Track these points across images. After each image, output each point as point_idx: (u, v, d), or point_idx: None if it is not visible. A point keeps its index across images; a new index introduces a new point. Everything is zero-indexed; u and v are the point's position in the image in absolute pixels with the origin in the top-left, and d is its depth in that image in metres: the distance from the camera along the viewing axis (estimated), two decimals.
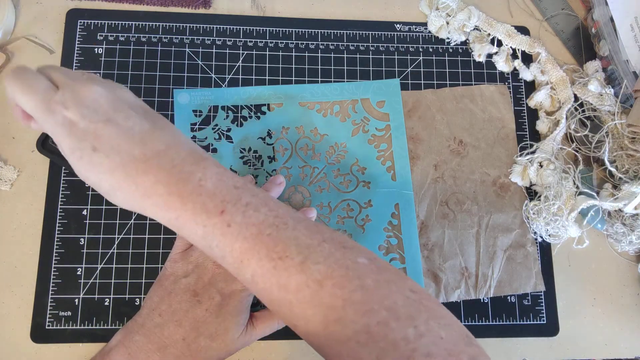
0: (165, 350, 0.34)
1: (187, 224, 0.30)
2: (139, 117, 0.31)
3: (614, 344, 0.45)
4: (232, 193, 0.30)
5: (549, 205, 0.43)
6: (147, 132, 0.31)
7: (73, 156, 0.30)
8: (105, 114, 0.30)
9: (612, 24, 0.47)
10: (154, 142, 0.30)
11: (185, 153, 0.31)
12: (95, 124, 0.30)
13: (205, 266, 0.37)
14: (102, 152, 0.29)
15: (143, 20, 0.46)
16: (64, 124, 0.30)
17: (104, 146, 0.29)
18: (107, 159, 0.29)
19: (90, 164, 0.30)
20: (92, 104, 0.30)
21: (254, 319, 0.38)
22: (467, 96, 0.48)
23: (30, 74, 0.31)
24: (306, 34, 0.48)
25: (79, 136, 0.29)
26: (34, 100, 0.30)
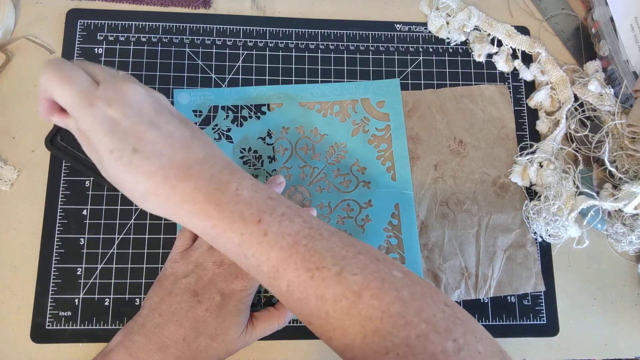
0: (165, 350, 0.34)
1: (224, 232, 0.30)
2: (179, 124, 0.31)
3: (614, 344, 0.45)
4: (267, 203, 0.31)
5: (549, 205, 0.43)
6: (188, 140, 0.31)
7: (111, 156, 0.29)
8: (148, 116, 0.30)
9: (612, 24, 0.47)
10: (194, 150, 0.31)
11: (222, 164, 0.31)
12: (138, 125, 0.29)
13: (205, 266, 0.37)
14: (143, 154, 0.29)
15: (143, 20, 0.46)
16: (105, 121, 0.29)
17: (145, 148, 0.29)
18: (147, 161, 0.29)
19: (129, 165, 0.29)
20: (136, 105, 0.30)
21: (254, 319, 0.38)
22: (467, 96, 0.48)
23: (69, 65, 0.30)
24: (306, 34, 0.48)
25: (120, 136, 0.29)
26: (73, 92, 0.29)
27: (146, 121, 0.30)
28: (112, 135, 0.29)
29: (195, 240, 0.39)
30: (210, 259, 0.37)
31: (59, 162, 0.43)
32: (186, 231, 0.39)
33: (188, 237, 0.39)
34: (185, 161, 0.30)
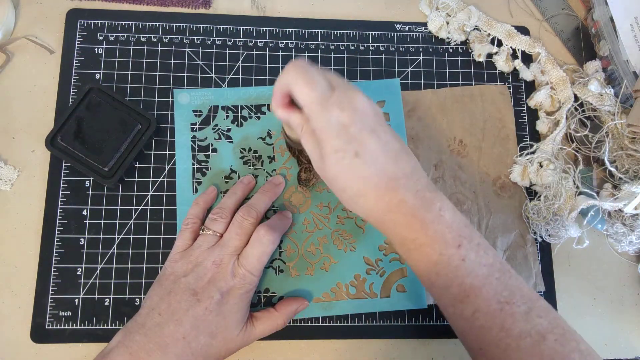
0: (165, 349, 0.34)
1: (423, 248, 0.32)
2: (392, 135, 0.33)
3: (614, 344, 0.45)
4: (465, 230, 0.33)
5: (549, 205, 0.43)
6: (399, 152, 0.33)
7: (334, 155, 0.32)
8: (371, 124, 0.32)
9: (612, 24, 0.47)
10: (403, 162, 0.33)
11: (425, 180, 0.33)
12: (363, 131, 0.32)
13: (205, 266, 0.37)
14: (362, 159, 0.31)
15: (143, 20, 0.46)
16: (336, 124, 0.32)
17: (365, 154, 0.32)
18: (365, 166, 0.32)
19: (349, 166, 0.32)
20: (362, 112, 0.32)
21: (254, 319, 0.38)
22: (467, 96, 0.48)
23: (314, 70, 0.33)
24: (306, 34, 0.48)
25: (346, 139, 0.32)
26: (314, 94, 0.32)
27: (369, 129, 0.32)
28: (339, 138, 0.32)
29: (195, 240, 0.39)
30: (209, 259, 0.37)
31: (59, 162, 0.43)
32: (186, 231, 0.39)
33: (188, 236, 0.39)
34: (395, 172, 0.32)
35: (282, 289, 0.42)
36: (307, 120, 0.33)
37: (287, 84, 0.33)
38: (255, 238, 0.38)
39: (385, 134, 0.33)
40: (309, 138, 0.34)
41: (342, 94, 0.32)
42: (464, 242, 0.32)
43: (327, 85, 0.32)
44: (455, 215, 0.33)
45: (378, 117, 0.33)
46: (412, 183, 0.32)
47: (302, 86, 0.32)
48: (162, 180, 0.44)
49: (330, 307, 0.42)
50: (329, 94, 0.32)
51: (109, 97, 0.43)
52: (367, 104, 0.33)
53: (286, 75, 0.33)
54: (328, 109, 0.32)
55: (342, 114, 0.32)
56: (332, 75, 0.34)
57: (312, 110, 0.32)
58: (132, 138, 0.42)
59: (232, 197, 0.41)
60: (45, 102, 0.44)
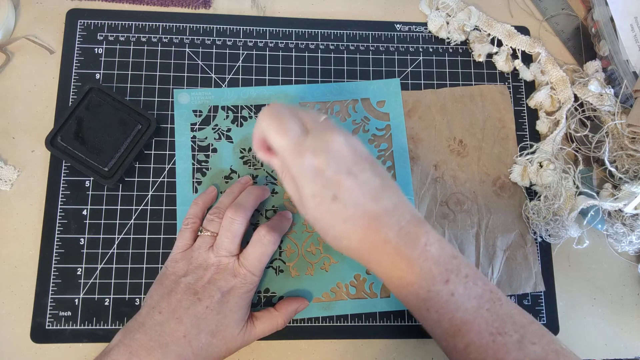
0: (166, 347, 0.34)
1: (411, 286, 0.32)
2: (371, 172, 0.33)
3: (614, 344, 0.45)
4: (452, 262, 0.32)
5: (549, 205, 0.43)
6: (378, 189, 0.32)
7: (313, 201, 0.32)
8: (347, 165, 0.32)
9: (612, 24, 0.47)
10: (384, 199, 0.32)
11: (409, 214, 0.33)
12: (339, 174, 0.32)
13: (205, 266, 0.37)
14: (341, 202, 0.31)
15: (143, 20, 0.46)
16: (311, 169, 0.31)
17: (343, 196, 0.31)
18: (344, 208, 0.31)
19: (327, 211, 0.32)
20: (337, 154, 0.32)
21: (254, 319, 0.38)
22: (467, 96, 0.48)
23: (287, 116, 0.33)
24: (306, 34, 0.48)
25: (323, 183, 0.32)
26: (286, 142, 0.32)
27: (345, 170, 0.32)
28: (316, 183, 0.32)
29: (195, 239, 0.39)
30: (209, 260, 0.37)
31: (59, 162, 0.43)
32: (186, 231, 0.39)
33: (189, 237, 0.39)
34: (375, 211, 0.32)
35: (282, 289, 0.42)
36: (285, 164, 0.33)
37: (262, 130, 0.33)
38: (256, 238, 0.38)
39: (364, 171, 0.32)
40: (289, 182, 0.34)
41: (316, 138, 0.32)
42: (452, 277, 0.32)
43: (299, 130, 0.32)
44: (442, 247, 0.33)
45: (356, 155, 0.33)
46: (394, 220, 0.32)
47: (274, 134, 0.32)
48: (162, 180, 0.44)
49: (330, 307, 0.42)
50: (302, 139, 0.32)
51: (109, 97, 0.43)
52: (343, 143, 0.32)
53: (260, 122, 0.33)
54: (301, 155, 0.32)
55: (316, 159, 0.31)
56: (308, 117, 0.34)
57: (286, 157, 0.32)
58: (132, 138, 0.42)
59: (229, 197, 0.41)
60: (45, 102, 0.44)
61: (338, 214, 0.32)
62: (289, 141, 0.32)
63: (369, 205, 0.32)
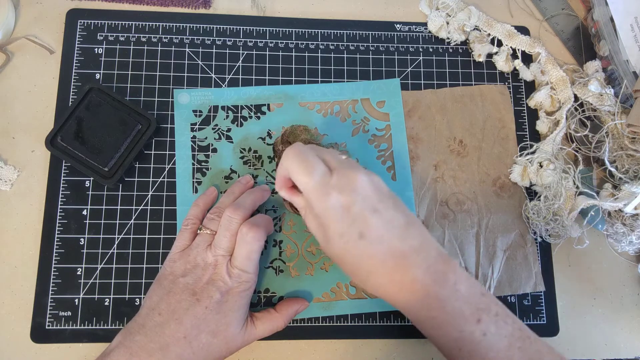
0: (167, 348, 0.34)
1: (443, 326, 0.32)
2: (395, 209, 0.33)
3: (614, 344, 0.45)
4: (482, 301, 0.32)
5: (549, 205, 0.43)
6: (404, 227, 0.33)
7: (340, 240, 0.32)
8: (373, 203, 0.32)
9: (612, 24, 0.47)
10: (410, 238, 0.32)
11: (436, 252, 0.33)
12: (365, 212, 0.32)
13: (204, 266, 0.37)
14: (367, 240, 0.31)
15: (143, 20, 0.46)
16: (337, 207, 0.32)
17: (369, 234, 0.31)
18: (371, 246, 0.31)
19: (354, 249, 0.32)
20: (362, 192, 0.32)
21: (254, 318, 0.38)
22: (467, 96, 0.48)
23: (311, 156, 0.33)
24: (306, 34, 0.48)
25: (349, 222, 0.32)
26: (312, 181, 0.33)
27: (371, 208, 0.32)
28: (342, 221, 0.32)
29: (194, 240, 0.39)
30: (206, 260, 0.37)
31: (59, 162, 0.43)
32: (185, 231, 0.39)
33: (188, 237, 0.39)
34: (402, 250, 0.32)
35: (282, 289, 0.42)
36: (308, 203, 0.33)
37: (287, 169, 0.34)
38: (239, 238, 0.37)
39: (388, 209, 0.32)
40: (312, 220, 0.34)
41: (341, 176, 0.32)
42: (483, 316, 0.32)
43: (324, 169, 0.33)
44: (470, 286, 0.33)
45: (380, 193, 0.33)
46: (422, 258, 0.32)
47: (299, 174, 0.33)
48: (162, 180, 0.44)
49: (330, 307, 0.42)
50: (327, 178, 0.32)
51: (109, 97, 0.43)
52: (367, 182, 0.33)
53: (285, 162, 0.34)
54: (327, 194, 0.32)
55: (342, 197, 0.32)
56: (330, 155, 0.34)
57: (311, 196, 0.33)
58: (132, 138, 0.42)
59: (230, 197, 0.41)
60: (45, 102, 0.44)
61: (365, 252, 0.32)
62: (314, 181, 0.32)
63: (395, 243, 0.32)
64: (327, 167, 0.34)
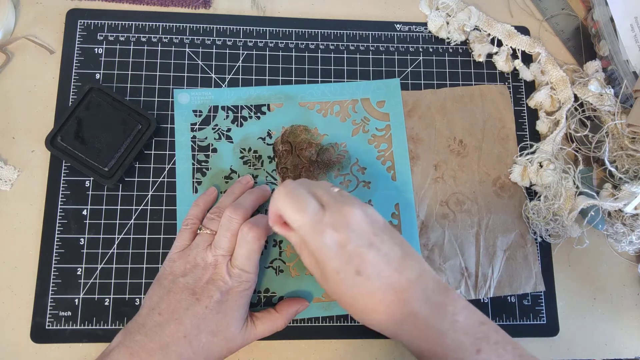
0: (167, 348, 0.34)
1: (444, 358, 0.31)
2: (391, 242, 0.33)
3: (614, 344, 0.45)
4: (481, 330, 0.32)
5: (549, 205, 0.43)
6: (401, 259, 0.32)
7: (336, 277, 0.32)
8: (367, 238, 0.32)
9: (612, 24, 0.47)
10: (407, 270, 0.32)
11: (433, 283, 0.33)
12: (360, 248, 0.31)
13: (204, 266, 0.37)
14: (364, 276, 0.31)
15: (143, 20, 0.46)
16: (332, 245, 0.31)
17: (366, 270, 0.31)
18: (368, 282, 0.31)
19: (352, 286, 0.31)
20: (357, 227, 0.32)
21: (255, 319, 0.38)
22: (467, 96, 0.48)
23: (302, 194, 0.33)
24: (306, 34, 0.48)
25: (345, 258, 0.31)
26: (305, 220, 0.32)
27: (366, 243, 0.32)
28: (338, 259, 0.31)
29: (193, 240, 0.39)
30: (206, 260, 0.37)
31: (59, 162, 0.43)
32: (185, 231, 0.39)
33: (187, 237, 0.39)
34: (400, 283, 0.32)
35: (282, 289, 0.42)
36: (303, 240, 0.33)
37: (278, 208, 0.33)
38: (240, 238, 0.37)
39: (384, 243, 0.32)
40: (308, 257, 0.34)
41: (334, 213, 0.32)
42: (483, 345, 0.32)
43: (316, 206, 0.32)
44: (469, 315, 0.32)
45: (375, 226, 0.33)
46: (420, 291, 0.32)
47: (291, 213, 0.32)
48: (162, 180, 0.44)
49: (330, 307, 0.42)
50: (320, 215, 0.32)
51: (109, 97, 0.43)
52: (361, 216, 0.32)
53: (276, 201, 0.33)
54: (322, 232, 0.32)
55: (337, 234, 0.31)
56: (322, 190, 0.34)
57: (306, 234, 0.32)
58: (132, 138, 0.42)
59: (230, 197, 0.41)
60: (45, 102, 0.44)
61: (363, 288, 0.31)
62: (307, 219, 0.32)
63: (393, 277, 0.32)
64: (320, 203, 0.33)
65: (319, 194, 0.34)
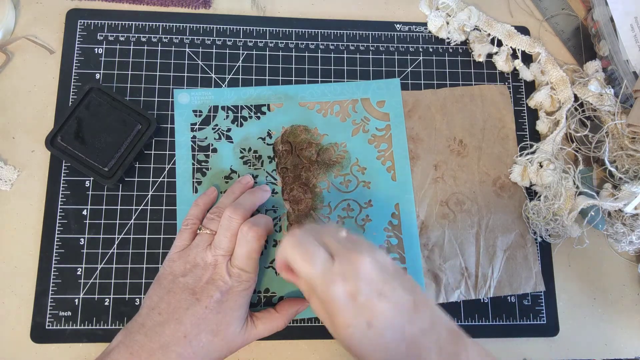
0: (167, 348, 0.34)
1: None
2: (402, 289, 0.32)
3: (614, 344, 0.45)
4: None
5: (549, 205, 0.43)
6: (413, 308, 0.31)
7: (346, 330, 0.31)
8: (377, 287, 0.31)
9: (612, 24, 0.47)
10: (419, 319, 0.31)
11: (446, 331, 0.32)
12: (372, 299, 0.31)
13: (203, 266, 0.37)
14: (377, 329, 0.30)
15: (143, 20, 0.46)
16: (341, 297, 0.30)
17: (378, 322, 0.30)
18: (380, 335, 0.30)
19: (363, 338, 0.30)
20: (367, 277, 0.31)
21: (255, 318, 0.38)
22: (467, 96, 0.48)
23: (311, 244, 0.32)
24: (306, 34, 0.48)
25: (355, 311, 0.30)
26: (314, 270, 0.31)
27: (376, 293, 0.31)
28: (348, 312, 0.30)
29: (193, 240, 0.39)
30: (206, 259, 0.37)
31: (59, 162, 0.43)
32: (185, 231, 0.39)
33: (187, 237, 0.39)
34: (413, 333, 0.31)
35: (282, 289, 0.42)
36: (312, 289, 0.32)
37: (285, 257, 0.33)
38: (240, 237, 0.37)
39: (395, 291, 0.31)
40: (317, 305, 0.33)
41: (344, 262, 0.31)
42: None
43: (325, 256, 0.32)
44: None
45: (385, 273, 0.32)
46: (433, 340, 0.31)
47: (300, 263, 0.32)
48: (162, 180, 0.44)
49: None
50: (330, 265, 0.31)
51: (109, 97, 0.43)
52: (371, 263, 0.32)
53: (284, 250, 0.33)
54: (332, 282, 0.31)
55: (347, 285, 0.31)
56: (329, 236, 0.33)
57: (315, 285, 0.32)
58: (132, 138, 0.42)
59: (230, 197, 0.41)
60: (45, 102, 0.44)
61: (374, 342, 0.31)
62: (317, 270, 0.31)
63: (405, 328, 0.31)
64: (329, 251, 0.32)
65: (327, 241, 0.33)
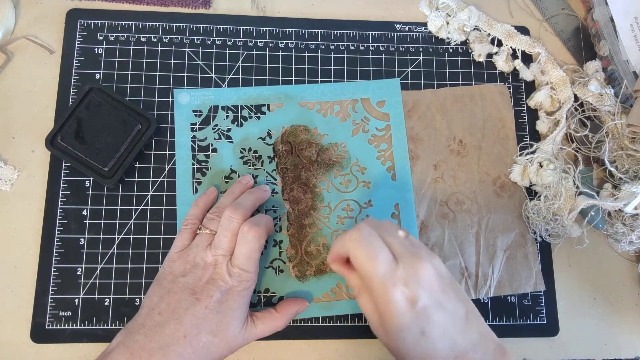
0: (167, 348, 0.34)
1: None
2: (457, 300, 0.32)
3: (614, 344, 0.45)
4: None
5: (549, 205, 0.43)
6: (464, 320, 0.32)
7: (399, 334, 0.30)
8: (436, 296, 0.31)
9: (612, 24, 0.47)
10: (470, 332, 0.31)
11: (493, 345, 0.32)
12: (429, 308, 0.30)
13: (203, 265, 0.37)
14: (430, 338, 0.30)
15: (143, 20, 0.46)
16: (401, 302, 0.30)
17: (433, 331, 0.30)
18: (432, 344, 0.30)
19: (415, 345, 0.30)
20: (427, 284, 0.31)
21: (255, 318, 0.38)
22: (467, 96, 0.48)
23: (377, 243, 0.32)
24: (306, 34, 0.48)
25: (411, 318, 0.30)
26: (378, 270, 0.31)
27: (434, 302, 0.31)
28: (404, 317, 0.30)
29: (193, 240, 0.39)
30: (206, 259, 0.37)
31: (59, 162, 0.43)
32: (185, 231, 0.39)
33: (187, 237, 0.39)
34: (464, 346, 0.31)
35: (282, 289, 0.42)
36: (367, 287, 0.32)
37: (347, 251, 0.32)
38: (240, 237, 0.37)
39: (450, 300, 0.32)
40: (368, 303, 0.33)
41: (407, 267, 0.31)
42: None
43: (390, 258, 0.32)
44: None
45: (443, 281, 0.32)
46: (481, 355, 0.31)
47: (364, 260, 0.31)
48: (162, 180, 0.44)
49: (330, 307, 0.42)
50: (393, 267, 0.31)
51: (109, 97, 0.43)
52: (431, 271, 0.32)
53: (348, 242, 0.32)
54: (393, 285, 0.31)
55: (407, 290, 0.30)
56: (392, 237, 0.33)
57: (374, 285, 0.31)
58: (132, 138, 0.42)
59: (230, 197, 0.41)
60: (45, 102, 0.44)
61: (426, 350, 0.30)
62: (380, 270, 0.31)
63: (457, 339, 0.31)
64: (392, 253, 0.32)
65: (389, 241, 0.33)
